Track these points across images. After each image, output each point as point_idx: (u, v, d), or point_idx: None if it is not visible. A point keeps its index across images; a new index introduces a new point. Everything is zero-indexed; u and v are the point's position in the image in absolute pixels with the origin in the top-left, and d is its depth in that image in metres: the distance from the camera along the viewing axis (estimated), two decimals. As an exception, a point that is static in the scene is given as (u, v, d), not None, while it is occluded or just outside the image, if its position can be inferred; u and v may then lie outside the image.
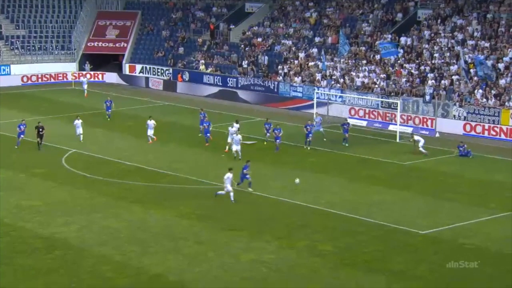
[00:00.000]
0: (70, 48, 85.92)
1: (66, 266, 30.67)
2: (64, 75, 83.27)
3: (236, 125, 50.77)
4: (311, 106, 62.64)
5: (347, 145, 52.13)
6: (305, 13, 78.53)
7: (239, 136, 47.96)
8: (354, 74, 66.20)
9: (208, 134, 52.50)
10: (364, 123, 60.90)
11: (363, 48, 68.97)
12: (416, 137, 50.42)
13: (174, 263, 31.09)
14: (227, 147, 49.28)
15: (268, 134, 52.63)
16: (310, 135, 51.09)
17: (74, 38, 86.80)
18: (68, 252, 32.31)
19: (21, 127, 50.97)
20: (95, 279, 29.57)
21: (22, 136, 50.82)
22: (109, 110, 61.56)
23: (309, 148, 50.47)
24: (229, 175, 38.56)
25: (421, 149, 49.41)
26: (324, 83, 66.72)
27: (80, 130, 52.38)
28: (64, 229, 35.18)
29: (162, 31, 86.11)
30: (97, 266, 30.91)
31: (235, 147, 47.60)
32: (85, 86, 74.48)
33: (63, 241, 33.62)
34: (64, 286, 28.80)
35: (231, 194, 38.59)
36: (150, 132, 52.44)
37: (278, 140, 50.65)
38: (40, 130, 50.50)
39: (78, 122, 52.83)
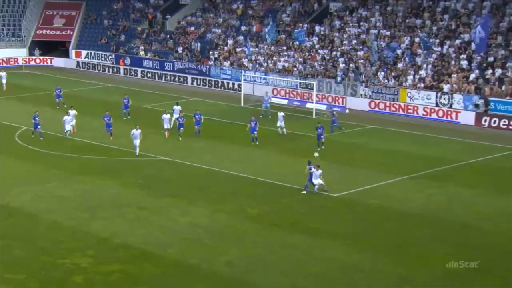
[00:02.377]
0: (20, 36, 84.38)
1: (21, 231, 30.27)
2: (16, 60, 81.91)
3: (177, 107, 50.00)
4: (239, 87, 62.74)
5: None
6: (233, 5, 78.38)
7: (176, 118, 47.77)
8: (276, 58, 66.39)
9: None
10: (285, 102, 61.09)
11: (283, 36, 69.14)
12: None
13: (119, 227, 30.92)
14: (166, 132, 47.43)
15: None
16: (322, 137, 44.47)
17: (23, 26, 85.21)
18: (23, 219, 31.90)
19: (36, 118, 46.54)
20: (48, 242, 29.24)
21: (39, 127, 46.60)
22: (60, 98, 58.40)
23: (317, 153, 40.00)
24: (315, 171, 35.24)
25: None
26: (250, 66, 66.82)
27: (71, 124, 47.03)
28: (19, 198, 34.64)
29: (104, 20, 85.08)
30: (49, 231, 30.58)
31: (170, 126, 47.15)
32: (4, 81, 66.27)
33: (18, 209, 33.16)
34: (20, 249, 28.36)
35: (316, 186, 35.31)
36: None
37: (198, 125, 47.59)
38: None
39: (71, 112, 47.88)
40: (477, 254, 27.85)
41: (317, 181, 34.93)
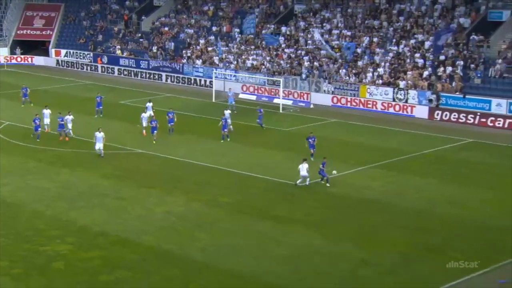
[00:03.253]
0: (2, 35, 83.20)
1: (3, 219, 30.02)
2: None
3: (149, 104, 49.39)
4: (211, 84, 62.60)
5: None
6: (204, 7, 78.08)
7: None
8: (245, 57, 66.34)
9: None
10: (253, 97, 61.12)
11: (252, 36, 69.12)
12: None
13: (98, 216, 30.81)
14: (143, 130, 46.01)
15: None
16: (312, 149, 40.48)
17: (5, 27, 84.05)
18: (5, 209, 31.61)
19: (36, 121, 44.32)
20: (30, 230, 29.09)
21: (39, 129, 44.41)
22: (26, 97, 56.03)
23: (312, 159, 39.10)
24: (302, 165, 34.57)
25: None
26: (220, 64, 66.69)
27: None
28: (1, 189, 34.26)
29: (83, 21, 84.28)
30: (31, 219, 30.43)
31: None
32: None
33: (0, 200, 32.80)
34: (3, 237, 28.10)
35: (307, 180, 34.76)
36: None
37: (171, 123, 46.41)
38: None
39: (69, 117, 44.62)
40: (430, 237, 28.28)
41: (303, 173, 34.49)
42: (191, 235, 28.64)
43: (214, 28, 73.42)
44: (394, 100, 55.19)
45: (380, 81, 56.81)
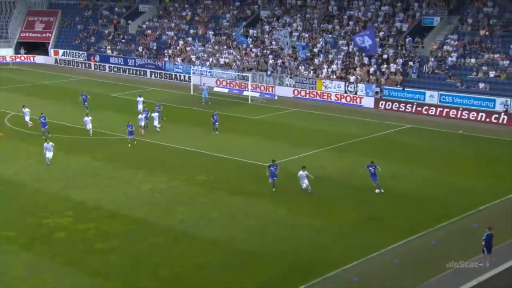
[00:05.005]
0: (7, 38, 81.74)
1: (9, 196, 29.85)
2: (4, 57, 79.27)
3: (140, 98, 48.33)
4: (189, 79, 62.27)
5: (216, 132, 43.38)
6: (182, 12, 77.38)
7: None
8: (218, 56, 66.04)
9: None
10: (226, 90, 60.96)
11: (224, 37, 68.84)
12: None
13: (92, 193, 30.65)
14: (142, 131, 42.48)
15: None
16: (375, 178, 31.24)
17: (10, 30, 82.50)
18: (10, 187, 31.38)
19: (41, 119, 41.51)
20: (32, 206, 28.92)
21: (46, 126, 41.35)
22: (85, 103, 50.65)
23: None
24: (301, 173, 30.43)
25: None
26: (197, 62, 66.33)
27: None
28: (6, 171, 33.96)
29: (77, 25, 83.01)
30: (33, 196, 30.20)
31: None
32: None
33: (6, 179, 32.58)
34: (10, 212, 27.81)
35: (309, 187, 30.35)
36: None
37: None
38: None
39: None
40: (375, 208, 28.60)
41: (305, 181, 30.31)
42: (172, 209, 28.66)
43: (191, 31, 72.92)
44: (345, 92, 55.47)
45: (334, 76, 57.04)
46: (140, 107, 47.26)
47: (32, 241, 25.01)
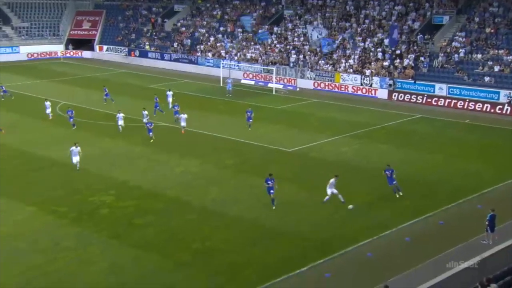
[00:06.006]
0: (59, 35, 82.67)
1: (61, 176, 30.31)
2: (55, 52, 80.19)
3: (170, 92, 47.60)
4: (219, 72, 62.31)
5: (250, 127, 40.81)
6: (213, 12, 77.37)
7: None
8: (245, 51, 65.98)
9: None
10: (252, 82, 60.95)
11: (251, 34, 68.72)
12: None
13: (133, 174, 30.97)
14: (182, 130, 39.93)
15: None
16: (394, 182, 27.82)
17: (61, 28, 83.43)
18: (60, 168, 31.82)
19: (70, 112, 40.89)
20: (81, 184, 29.36)
21: (72, 120, 40.69)
22: (6, 92, 50.35)
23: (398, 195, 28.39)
24: (332, 180, 26.47)
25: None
26: (226, 56, 66.35)
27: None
28: (58, 153, 34.35)
29: (119, 23, 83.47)
30: (81, 176, 30.62)
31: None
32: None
33: (58, 161, 33.05)
34: (61, 189, 28.23)
35: (339, 196, 26.36)
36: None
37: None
38: None
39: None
40: (388, 189, 28.47)
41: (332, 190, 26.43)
42: (203, 189, 28.85)
43: (221, 28, 72.88)
44: (361, 85, 55.09)
45: (351, 70, 56.65)
46: (170, 100, 46.79)
47: (81, 216, 25.44)
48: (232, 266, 21.08)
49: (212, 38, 71.51)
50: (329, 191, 26.17)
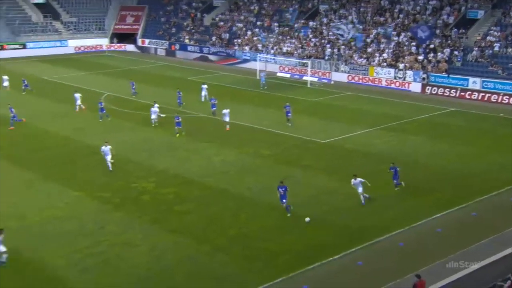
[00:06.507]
0: (104, 29, 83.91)
1: (104, 164, 30.51)
2: (100, 46, 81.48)
3: (204, 86, 47.15)
4: (255, 65, 62.27)
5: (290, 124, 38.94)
6: (250, 6, 77.21)
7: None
8: (281, 44, 65.70)
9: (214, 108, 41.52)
10: (288, 75, 60.72)
11: (287, 28, 68.34)
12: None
13: (171, 163, 31.25)
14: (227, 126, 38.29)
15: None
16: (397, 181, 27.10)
17: (106, 23, 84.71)
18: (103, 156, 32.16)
19: (101, 104, 40.65)
20: (123, 172, 29.70)
21: (103, 111, 40.41)
22: (27, 87, 49.82)
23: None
24: (353, 181, 25.40)
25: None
26: (263, 50, 66.21)
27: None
28: (102, 141, 34.64)
29: (161, 18, 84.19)
30: (122, 164, 30.92)
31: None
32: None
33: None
34: (105, 176, 28.67)
35: (362, 196, 25.40)
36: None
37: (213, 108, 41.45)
38: None
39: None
40: (418, 181, 28.08)
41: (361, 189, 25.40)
42: (240, 177, 28.94)
43: (258, 23, 72.73)
44: (395, 78, 54.25)
45: (385, 64, 55.82)
46: (203, 93, 46.39)
47: (123, 201, 25.85)
48: (267, 252, 21.13)
49: (249, 32, 71.45)
50: (359, 189, 25.26)
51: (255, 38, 69.61)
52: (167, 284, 19.04)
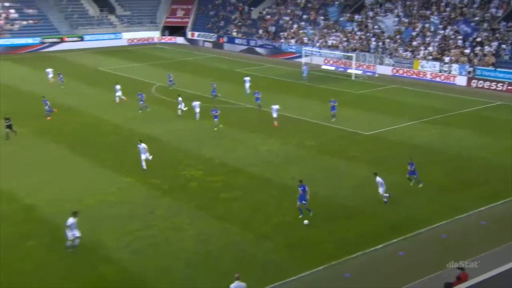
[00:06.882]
0: (156, 22, 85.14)
1: (156, 150, 30.81)
2: (152, 38, 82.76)
3: (247, 78, 46.91)
4: (300, 58, 61.86)
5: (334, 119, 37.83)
6: (297, 0, 76.69)
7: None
8: (327, 38, 65.05)
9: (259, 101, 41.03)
10: (333, 68, 60.11)
11: (332, 22, 67.56)
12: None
13: (219, 152, 31.46)
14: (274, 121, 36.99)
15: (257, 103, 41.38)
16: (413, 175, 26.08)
17: (158, 16, 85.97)
18: (157, 144, 32.66)
19: (141, 96, 40.58)
20: (173, 159, 30.09)
21: (142, 103, 40.50)
22: (62, 80, 49.79)
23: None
24: (378, 179, 24.18)
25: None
26: (309, 43, 65.72)
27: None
28: (154, 130, 35.57)
29: (210, 11, 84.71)
30: (173, 152, 31.43)
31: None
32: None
33: (154, 137, 34.03)
34: (156, 163, 29.15)
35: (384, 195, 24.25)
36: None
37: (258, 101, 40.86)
38: (7, 121, 34.12)
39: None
40: (463, 174, 27.40)
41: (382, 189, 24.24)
42: (284, 167, 28.91)
43: (304, 16, 72.20)
44: (440, 72, 52.94)
45: (430, 57, 54.49)
46: (247, 85, 46.11)
47: (172, 188, 26.24)
48: (309, 240, 21.08)
49: (295, 26, 71.03)
50: (381, 190, 24.09)
51: (300, 31, 69.16)
52: (213, 268, 19.26)
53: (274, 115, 36.79)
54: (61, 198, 24.93)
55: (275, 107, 36.95)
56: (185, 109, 39.05)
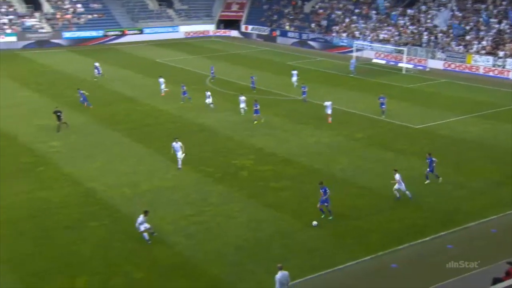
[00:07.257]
0: (211, 16, 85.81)
1: (209, 140, 31.53)
2: (207, 31, 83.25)
3: (295, 72, 46.03)
4: (351, 51, 61.02)
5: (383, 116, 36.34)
6: (349, -5, 75.67)
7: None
8: (378, 32, 63.83)
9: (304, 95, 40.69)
10: (384, 62, 58.98)
11: (383, 16, 66.20)
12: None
13: (269, 142, 31.54)
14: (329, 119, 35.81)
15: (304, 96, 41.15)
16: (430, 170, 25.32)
17: (213, 10, 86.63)
18: (208, 133, 33.15)
19: (184, 87, 40.66)
20: (225, 149, 30.37)
21: (185, 94, 40.48)
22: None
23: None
24: (397, 176, 23.32)
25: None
26: (360, 37, 64.69)
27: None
28: (206, 120, 35.89)
29: (263, 5, 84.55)
30: (225, 141, 31.66)
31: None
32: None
33: (207, 127, 34.48)
34: (209, 152, 29.57)
35: (401, 192, 23.39)
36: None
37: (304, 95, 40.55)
38: (59, 114, 33.81)
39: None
40: (516, 171, 26.49)
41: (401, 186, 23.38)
42: (334, 159, 28.74)
43: (356, 11, 71.07)
44: (493, 66, 51.05)
45: (483, 51, 52.61)
46: (294, 79, 45.53)
47: (224, 176, 26.55)
48: (357, 230, 20.92)
49: (347, 20, 70.06)
50: (402, 186, 23.11)
51: (352, 26, 68.13)
52: (262, 254, 19.44)
53: (329, 111, 35.42)
54: (120, 183, 25.70)
55: (328, 103, 35.67)
56: (212, 105, 38.21)
